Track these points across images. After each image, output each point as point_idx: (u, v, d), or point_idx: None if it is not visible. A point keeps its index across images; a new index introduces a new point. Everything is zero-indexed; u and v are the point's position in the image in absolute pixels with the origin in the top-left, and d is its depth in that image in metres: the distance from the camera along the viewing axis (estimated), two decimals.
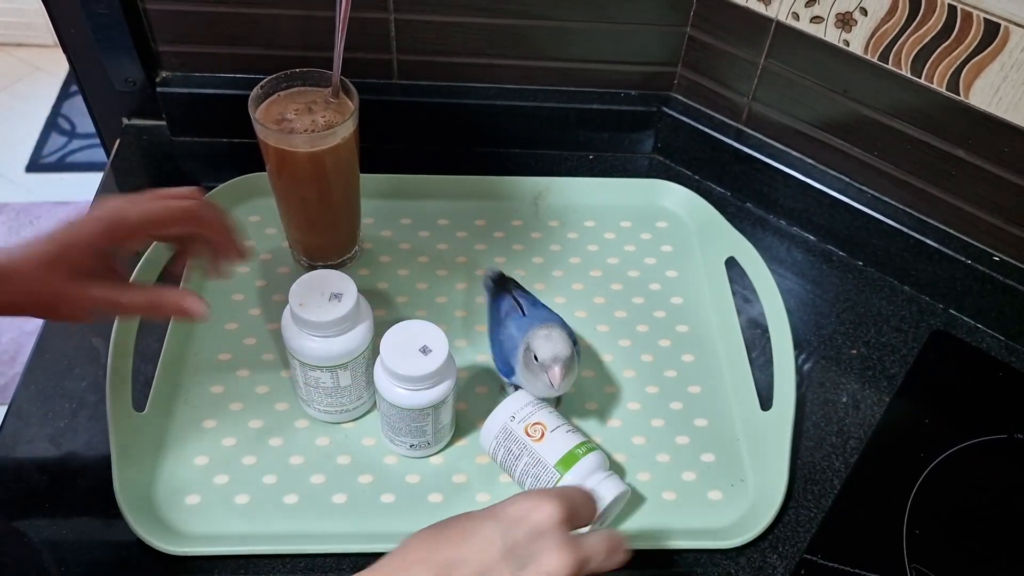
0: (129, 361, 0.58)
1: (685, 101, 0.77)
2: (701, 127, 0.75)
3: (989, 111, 0.60)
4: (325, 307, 0.52)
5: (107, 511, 0.52)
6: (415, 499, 0.55)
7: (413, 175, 0.74)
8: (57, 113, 2.01)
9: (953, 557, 0.54)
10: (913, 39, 0.60)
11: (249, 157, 0.64)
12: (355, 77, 0.60)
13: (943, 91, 0.61)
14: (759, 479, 0.57)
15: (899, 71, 0.62)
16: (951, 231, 0.67)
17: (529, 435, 0.53)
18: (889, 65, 0.63)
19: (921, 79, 0.62)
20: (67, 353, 0.61)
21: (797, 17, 0.65)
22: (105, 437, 0.54)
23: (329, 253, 0.67)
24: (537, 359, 0.52)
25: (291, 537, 0.53)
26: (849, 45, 0.64)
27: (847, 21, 0.63)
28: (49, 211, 1.77)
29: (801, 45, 0.66)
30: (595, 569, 0.39)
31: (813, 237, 0.74)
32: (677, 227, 0.73)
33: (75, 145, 1.93)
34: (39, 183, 1.85)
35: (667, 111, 0.76)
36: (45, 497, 0.54)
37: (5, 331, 1.54)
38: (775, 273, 0.66)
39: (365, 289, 0.66)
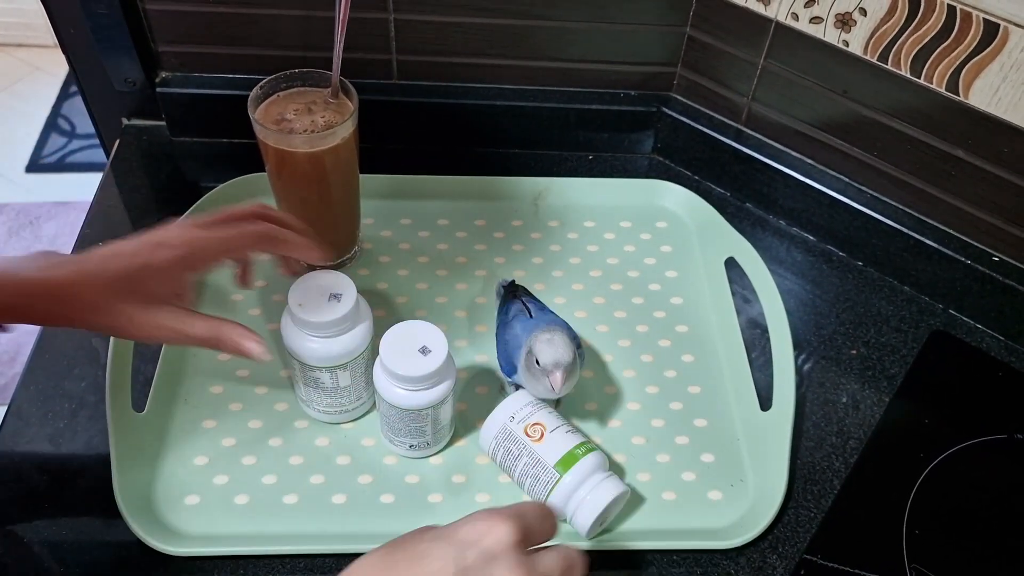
0: (129, 361, 0.58)
1: (685, 101, 0.77)
2: (701, 127, 0.75)
3: (988, 111, 0.60)
4: (325, 307, 0.52)
5: (107, 511, 0.52)
6: (415, 499, 0.55)
7: (413, 175, 0.74)
8: (57, 113, 2.01)
9: (953, 557, 0.54)
10: (913, 39, 0.60)
11: (249, 157, 0.64)
12: (355, 77, 0.60)
13: (942, 91, 0.61)
14: (759, 479, 0.57)
15: (898, 71, 0.62)
16: (951, 231, 0.67)
17: (529, 435, 0.53)
18: (888, 65, 0.63)
19: (920, 79, 0.62)
20: (67, 353, 0.61)
21: (796, 17, 0.65)
22: (105, 437, 0.54)
23: (329, 253, 0.67)
24: (539, 363, 0.52)
25: (291, 537, 0.53)
26: (848, 45, 0.64)
27: (846, 21, 0.63)
28: (49, 211, 1.77)
29: (800, 45, 0.66)
30: None
31: (813, 237, 0.74)
32: (677, 227, 0.73)
33: (75, 145, 1.93)
34: (39, 183, 1.85)
35: (667, 111, 0.76)
36: (45, 497, 0.54)
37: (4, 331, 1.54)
38: (775, 273, 0.66)
39: (365, 289, 0.66)
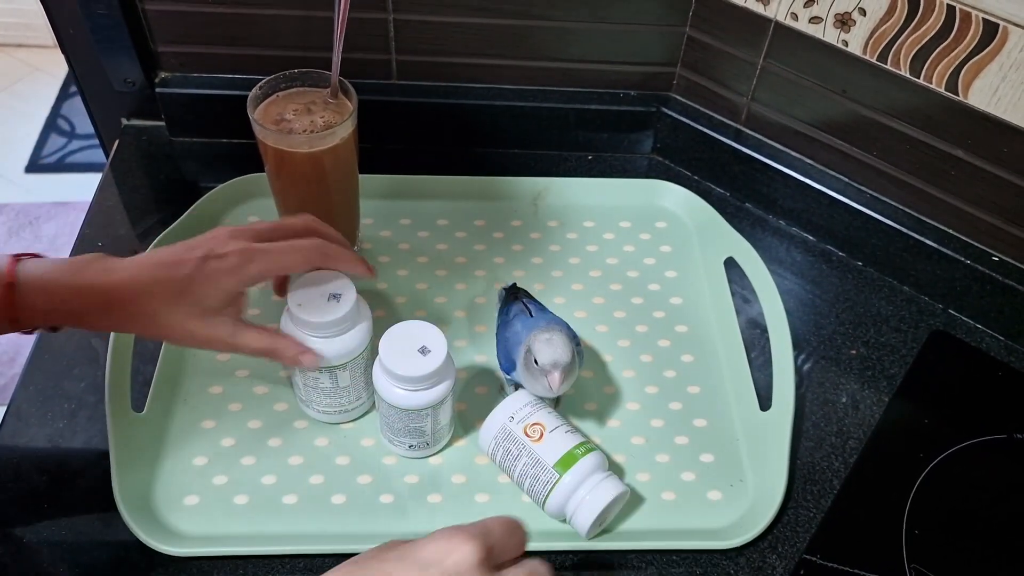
0: (128, 362, 0.58)
1: (684, 101, 0.77)
2: (700, 127, 0.75)
3: (988, 111, 0.60)
4: (324, 307, 0.52)
5: (106, 511, 0.52)
6: (414, 500, 0.55)
7: (412, 175, 0.74)
8: (56, 114, 2.01)
9: (952, 557, 0.54)
10: (912, 39, 0.60)
11: (248, 158, 0.64)
12: (354, 77, 0.60)
13: (942, 91, 0.61)
14: (758, 479, 0.57)
15: (898, 71, 0.62)
16: (950, 231, 0.67)
17: (528, 435, 0.53)
18: (888, 65, 0.63)
19: (920, 79, 0.62)
20: (66, 354, 0.61)
21: (796, 17, 0.65)
22: (104, 438, 0.54)
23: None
24: (537, 363, 0.52)
25: (290, 538, 0.53)
26: (848, 45, 0.64)
27: (846, 21, 0.63)
28: (48, 212, 1.77)
29: (800, 45, 0.66)
30: None
31: (812, 237, 0.74)
32: (676, 227, 0.73)
33: (75, 146, 1.93)
34: (39, 184, 1.85)
35: (666, 111, 0.76)
36: (44, 497, 0.54)
37: None
38: (774, 273, 0.66)
39: (364, 289, 0.66)
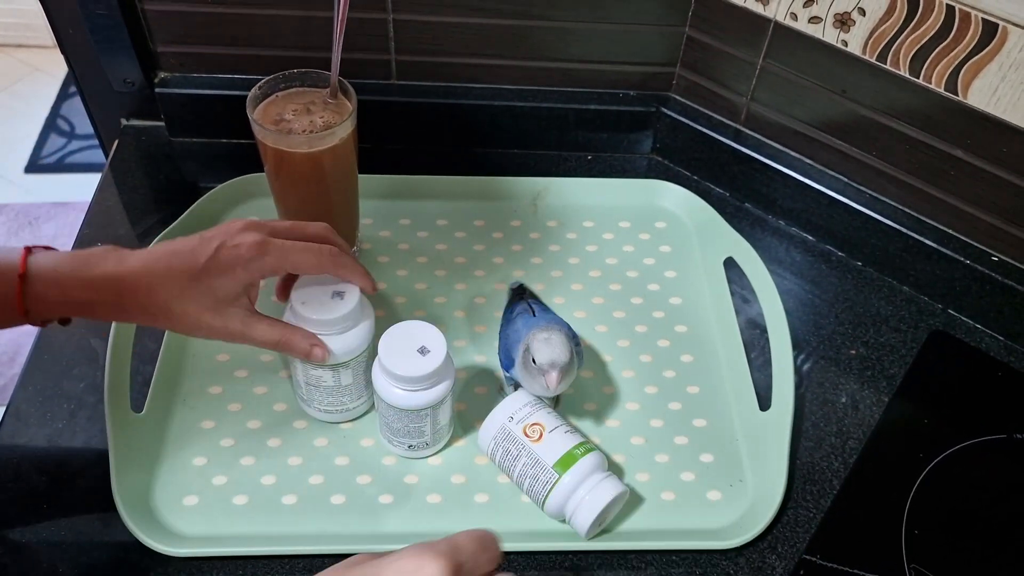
0: (127, 362, 0.58)
1: (684, 101, 0.77)
2: (700, 127, 0.75)
3: (987, 111, 0.60)
4: (328, 305, 0.52)
5: (105, 512, 0.52)
6: (414, 500, 0.55)
7: (412, 175, 0.73)
8: (56, 114, 2.01)
9: (952, 557, 0.54)
10: (911, 39, 0.60)
11: (248, 158, 0.64)
12: (353, 78, 0.60)
13: (941, 91, 0.61)
14: (758, 479, 0.57)
15: (897, 71, 0.62)
16: (950, 231, 0.67)
17: (527, 435, 0.53)
18: (887, 65, 0.63)
19: (919, 79, 0.62)
20: (66, 354, 0.61)
21: (795, 17, 0.65)
22: (103, 438, 0.54)
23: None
24: (535, 362, 0.52)
25: (290, 538, 0.53)
26: (847, 45, 0.64)
27: (845, 21, 0.63)
28: (48, 212, 1.77)
29: (799, 45, 0.66)
30: None
31: (812, 237, 0.74)
32: (676, 227, 0.73)
33: (74, 146, 1.93)
34: (38, 184, 1.85)
35: (666, 111, 0.76)
36: (43, 498, 0.54)
37: (4, 331, 1.54)
38: (774, 273, 0.66)
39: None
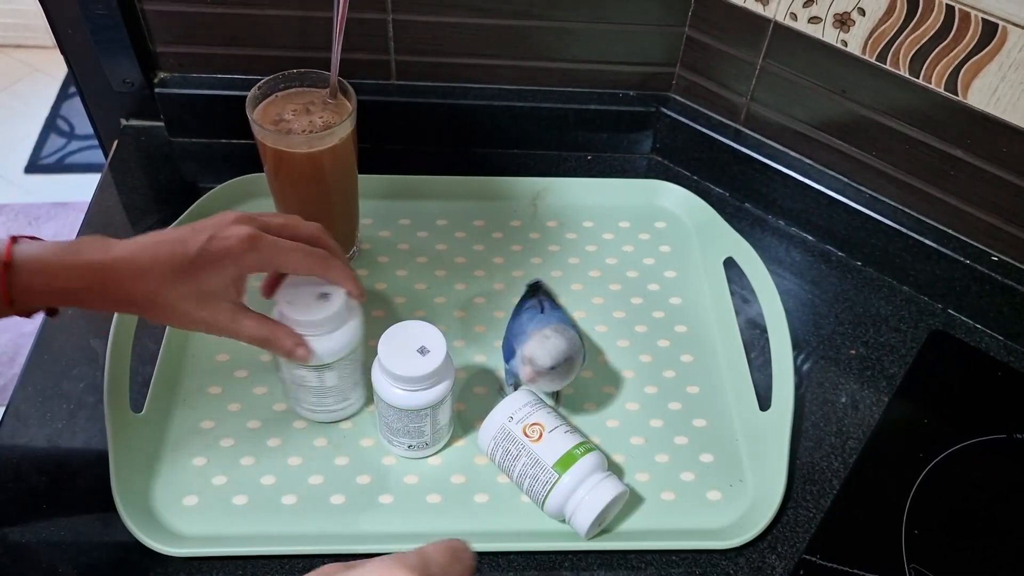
0: (127, 362, 0.58)
1: (683, 101, 0.77)
2: (699, 127, 0.75)
3: (987, 111, 0.60)
4: (312, 306, 0.52)
5: (105, 512, 0.52)
6: (414, 500, 0.55)
7: (411, 176, 0.73)
8: (56, 114, 2.01)
9: (952, 557, 0.54)
10: (911, 39, 0.60)
11: (247, 158, 0.64)
12: (353, 78, 0.60)
13: (941, 91, 0.61)
14: (758, 479, 0.57)
15: (897, 71, 0.62)
16: (950, 231, 0.67)
17: (527, 435, 0.53)
18: (887, 65, 0.63)
19: (919, 79, 0.62)
20: (65, 354, 0.61)
21: (795, 17, 0.65)
22: (103, 438, 0.54)
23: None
24: (525, 356, 0.54)
25: (289, 538, 0.53)
26: (847, 45, 0.64)
27: (845, 21, 0.63)
28: (48, 212, 1.77)
29: (799, 45, 0.66)
30: None
31: (811, 237, 0.74)
32: (676, 227, 0.73)
33: (74, 146, 1.93)
34: (38, 184, 1.85)
35: (665, 111, 0.76)
36: (43, 498, 0.54)
37: (4, 332, 1.54)
38: (774, 273, 0.66)
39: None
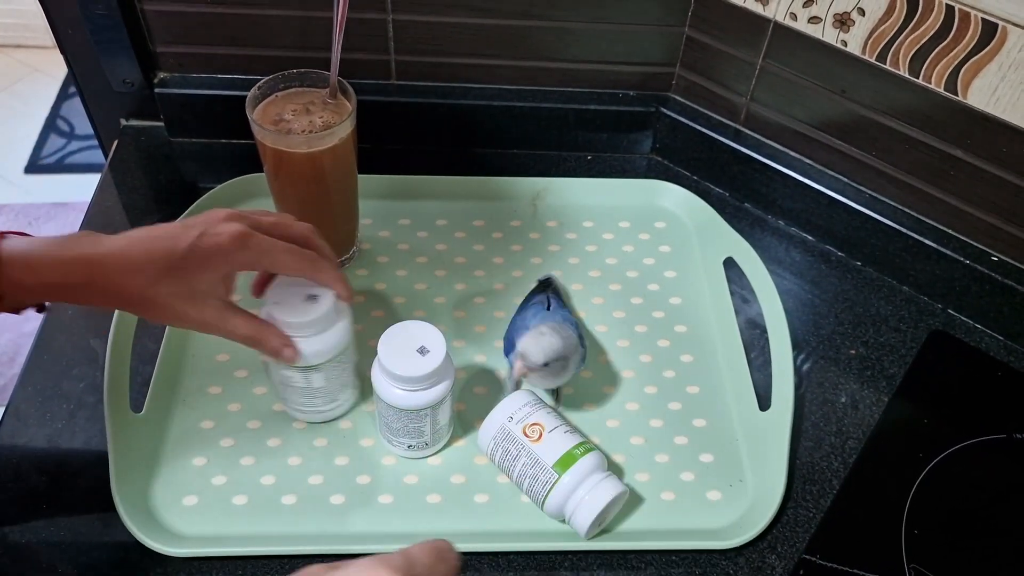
0: (127, 362, 0.58)
1: (683, 101, 0.77)
2: (699, 127, 0.75)
3: (987, 111, 0.60)
4: (299, 307, 0.51)
5: (105, 512, 0.52)
6: (413, 500, 0.55)
7: (411, 176, 0.73)
8: (56, 114, 2.01)
9: (952, 557, 0.54)
10: (911, 39, 0.60)
11: (247, 158, 0.64)
12: (353, 78, 0.60)
13: (941, 91, 0.61)
14: (758, 479, 0.57)
15: (897, 71, 0.62)
16: (949, 231, 0.67)
17: (527, 435, 0.53)
18: (887, 65, 0.63)
19: (919, 79, 0.62)
20: (65, 354, 0.61)
21: (795, 17, 0.65)
22: (103, 438, 0.54)
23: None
24: (516, 348, 0.54)
25: (289, 538, 0.53)
26: (847, 45, 0.64)
27: (845, 21, 0.63)
28: (48, 212, 1.77)
29: (799, 45, 0.66)
30: None
31: (811, 237, 0.74)
32: (675, 227, 0.73)
33: (74, 146, 1.93)
34: (38, 184, 1.85)
35: (665, 111, 0.76)
36: (43, 498, 0.54)
37: (3, 331, 1.54)
38: (774, 273, 0.66)
39: (363, 289, 0.66)
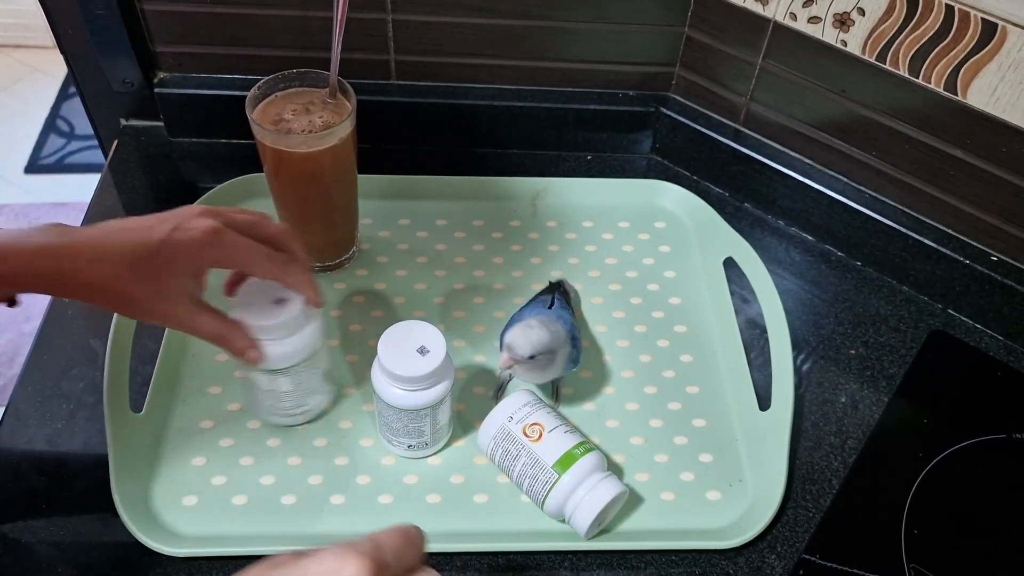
0: (127, 362, 0.58)
1: (683, 101, 0.77)
2: (699, 127, 0.75)
3: (987, 111, 0.60)
4: (266, 310, 0.51)
5: (104, 512, 0.52)
6: (413, 500, 0.55)
7: (411, 175, 0.73)
8: (56, 114, 2.00)
9: (951, 557, 0.54)
10: (911, 39, 0.60)
11: (247, 158, 0.64)
12: (353, 78, 0.60)
13: (941, 91, 0.61)
14: (758, 479, 0.57)
15: (897, 71, 0.62)
16: (949, 231, 0.67)
17: (527, 435, 0.53)
18: (887, 65, 0.63)
19: (919, 79, 0.62)
20: (65, 354, 0.61)
21: (795, 17, 0.65)
22: (103, 438, 0.54)
23: (327, 254, 0.67)
24: (505, 339, 0.55)
25: (289, 538, 0.53)
26: (847, 45, 0.64)
27: (845, 21, 0.63)
28: (48, 212, 1.77)
29: (799, 45, 0.66)
30: None
31: (811, 237, 0.74)
32: (675, 227, 0.73)
33: (74, 146, 1.93)
34: (38, 184, 1.85)
35: (665, 111, 0.76)
36: (42, 498, 0.54)
37: (3, 331, 1.54)
38: (773, 273, 0.66)
39: (363, 290, 0.66)
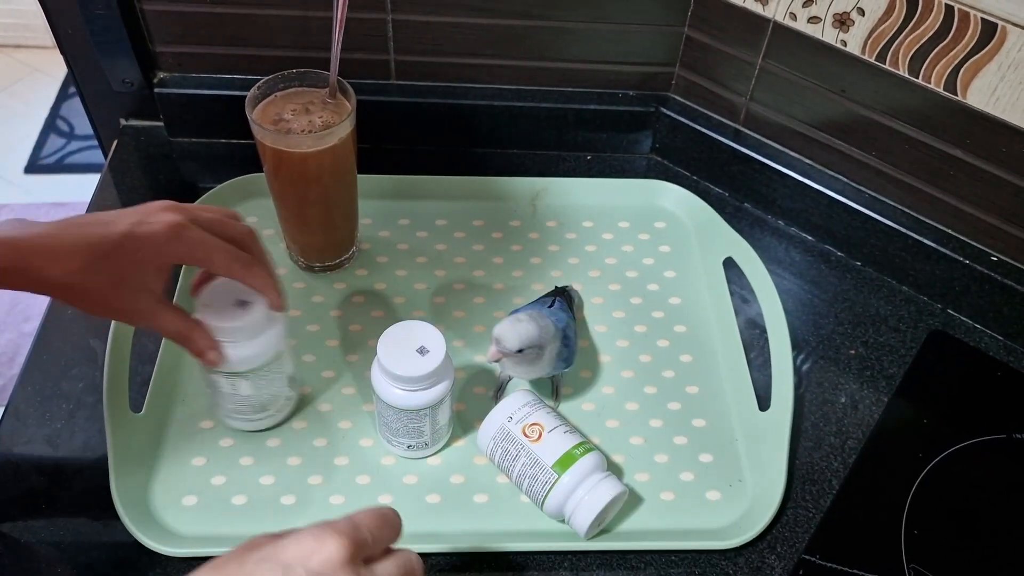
0: (126, 362, 0.58)
1: (683, 101, 0.77)
2: (699, 127, 0.75)
3: (987, 111, 0.60)
4: (226, 312, 0.50)
5: (104, 512, 0.52)
6: (413, 500, 0.55)
7: (411, 175, 0.73)
8: (56, 114, 2.00)
9: (951, 557, 0.54)
10: (911, 39, 0.60)
11: (247, 158, 0.64)
12: (352, 78, 0.60)
13: (941, 91, 0.61)
14: (757, 479, 0.57)
15: (897, 71, 0.62)
16: (949, 231, 0.67)
17: (527, 436, 0.53)
18: (887, 65, 0.63)
19: (919, 79, 0.62)
20: (65, 354, 0.61)
21: (794, 17, 0.65)
22: (102, 438, 0.54)
23: (327, 254, 0.67)
24: (495, 336, 0.54)
25: None
26: (847, 45, 0.64)
27: (844, 21, 0.63)
28: (47, 212, 1.77)
29: (798, 45, 0.66)
30: None
31: (811, 237, 0.74)
32: (675, 227, 0.73)
33: (74, 146, 1.93)
34: (38, 184, 1.85)
35: (665, 111, 0.76)
36: (42, 498, 0.54)
37: (3, 331, 1.54)
38: (773, 273, 0.66)
39: (363, 290, 0.66)
